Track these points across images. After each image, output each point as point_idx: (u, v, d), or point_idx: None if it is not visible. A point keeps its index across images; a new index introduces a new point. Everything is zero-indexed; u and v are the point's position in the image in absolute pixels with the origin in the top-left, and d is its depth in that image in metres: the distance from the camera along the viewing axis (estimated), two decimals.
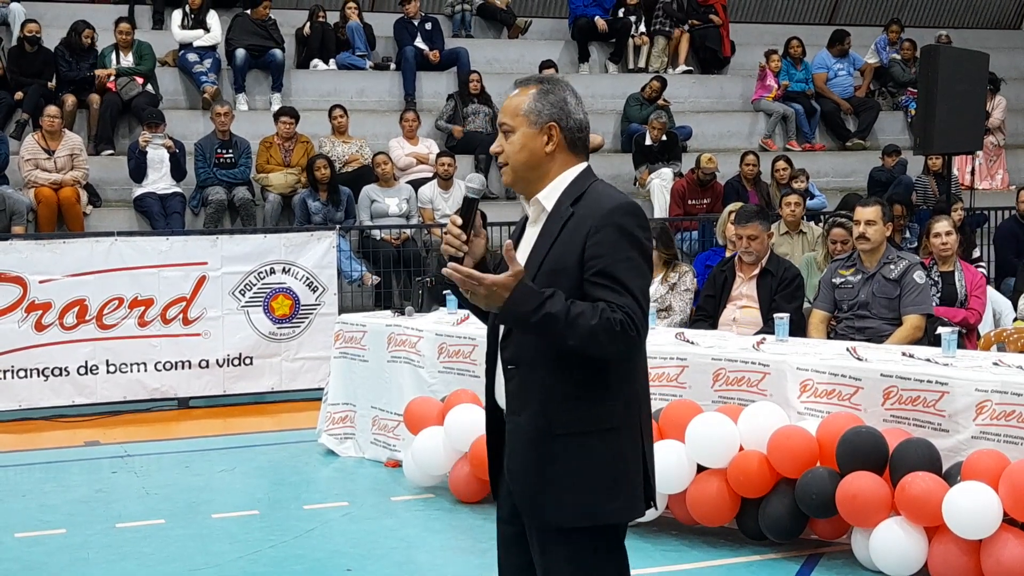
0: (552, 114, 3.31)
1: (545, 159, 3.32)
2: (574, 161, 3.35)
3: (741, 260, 7.74)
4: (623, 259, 3.15)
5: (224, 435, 8.92)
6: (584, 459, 3.19)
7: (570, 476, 3.19)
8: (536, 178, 3.34)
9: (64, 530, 6.45)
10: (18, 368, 9.23)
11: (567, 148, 3.33)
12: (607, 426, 3.22)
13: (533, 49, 15.58)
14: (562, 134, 3.31)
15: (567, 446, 3.20)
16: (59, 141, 11.65)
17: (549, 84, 3.36)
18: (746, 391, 6.10)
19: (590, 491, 3.19)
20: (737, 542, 5.95)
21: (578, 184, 3.31)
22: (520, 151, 3.33)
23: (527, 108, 3.32)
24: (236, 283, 9.73)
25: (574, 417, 3.20)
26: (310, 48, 14.46)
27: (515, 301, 3.09)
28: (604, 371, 3.20)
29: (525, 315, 3.09)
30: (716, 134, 15.35)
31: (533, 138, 3.31)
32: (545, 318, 3.07)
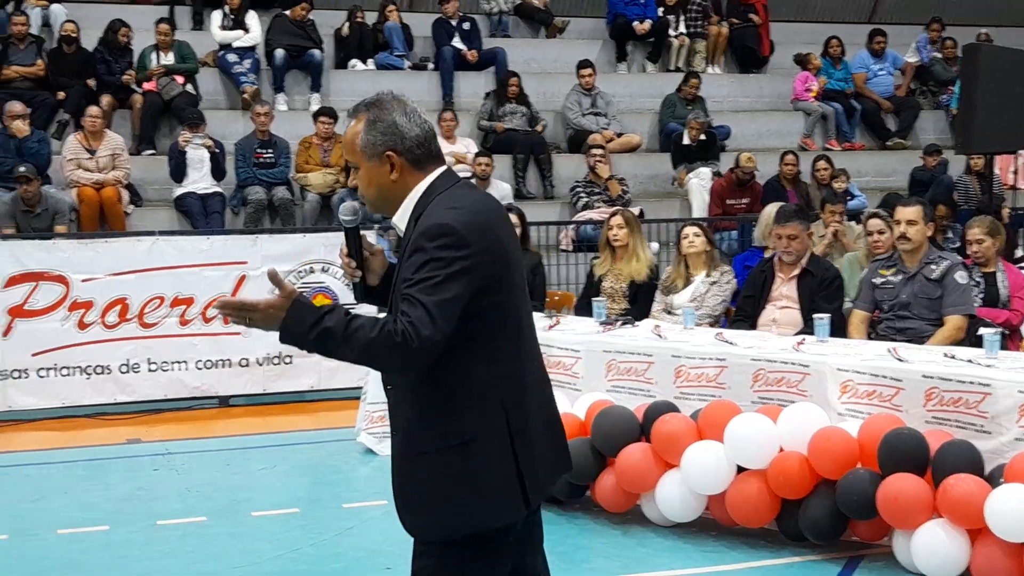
0: (385, 142, 3.28)
1: (394, 187, 3.31)
2: (422, 177, 3.32)
3: (781, 260, 7.70)
4: (421, 279, 3.11)
5: (264, 433, 8.96)
6: (441, 474, 3.21)
7: (429, 491, 3.22)
8: (393, 205, 3.34)
9: (106, 527, 6.51)
10: (61, 366, 9.30)
11: (413, 168, 3.31)
12: (463, 440, 3.21)
13: (571, 49, 15.55)
14: (402, 158, 3.29)
15: (425, 463, 3.22)
16: (101, 141, 11.75)
17: (376, 110, 3.32)
18: (786, 392, 6.06)
19: (449, 504, 3.21)
20: (777, 543, 5.92)
21: (420, 203, 3.30)
22: (369, 186, 3.34)
23: (362, 143, 3.30)
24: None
25: (430, 435, 3.22)
26: (348, 48, 14.51)
27: (291, 320, 3.12)
28: (463, 383, 3.21)
29: (303, 333, 3.11)
30: (755, 133, 15.27)
31: (375, 170, 3.31)
32: (322, 334, 3.09)
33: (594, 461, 6.32)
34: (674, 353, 6.49)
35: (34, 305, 9.25)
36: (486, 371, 3.23)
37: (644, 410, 6.30)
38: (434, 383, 3.20)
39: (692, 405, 6.29)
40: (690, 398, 6.35)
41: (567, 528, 6.34)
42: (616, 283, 8.58)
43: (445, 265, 3.12)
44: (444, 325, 3.09)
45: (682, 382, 6.42)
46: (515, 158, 13.48)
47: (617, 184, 12.77)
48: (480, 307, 3.18)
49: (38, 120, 12.11)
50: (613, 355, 6.71)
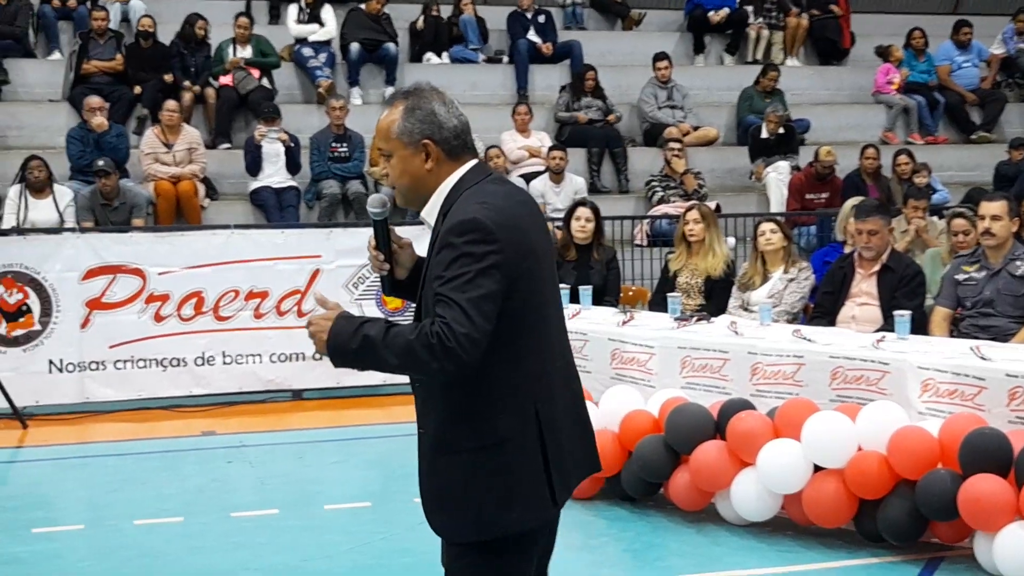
0: (423, 130, 3.26)
1: (427, 177, 3.28)
2: (455, 168, 3.29)
3: (861, 256, 7.56)
4: (453, 276, 3.07)
5: (336, 427, 8.99)
6: (471, 475, 3.19)
7: (459, 493, 3.20)
8: (423, 196, 3.32)
9: (181, 518, 6.56)
10: (137, 358, 9.40)
11: (446, 159, 3.28)
12: (493, 441, 3.18)
13: (647, 41, 15.43)
14: (438, 147, 3.26)
15: (455, 463, 3.20)
16: (177, 135, 11.86)
17: (415, 98, 3.29)
18: (865, 390, 5.95)
19: (479, 506, 3.19)
20: (854, 544, 5.81)
21: (451, 196, 3.27)
22: (402, 175, 3.30)
23: (398, 130, 3.27)
24: (349, 276, 9.79)
25: (461, 434, 3.19)
26: (423, 42, 14.52)
27: (335, 333, 3.16)
28: (493, 382, 3.17)
29: (346, 343, 3.14)
30: (835, 127, 15.05)
31: (410, 159, 3.28)
32: (364, 342, 3.11)
33: (668, 459, 6.25)
34: (750, 350, 6.40)
35: (112, 298, 9.35)
36: (514, 370, 3.20)
37: (719, 407, 6.22)
38: (463, 383, 3.16)
39: (768, 403, 6.20)
40: (766, 396, 6.26)
41: (640, 526, 6.28)
42: (692, 279, 8.49)
43: (476, 260, 3.08)
44: (482, 323, 3.06)
45: (758, 379, 6.33)
46: (590, 152, 13.41)
47: (693, 178, 12.65)
48: (507, 305, 3.14)
49: (116, 114, 12.25)
50: (688, 351, 6.64)
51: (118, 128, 11.95)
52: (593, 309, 7.66)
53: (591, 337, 7.08)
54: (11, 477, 7.99)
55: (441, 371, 3.07)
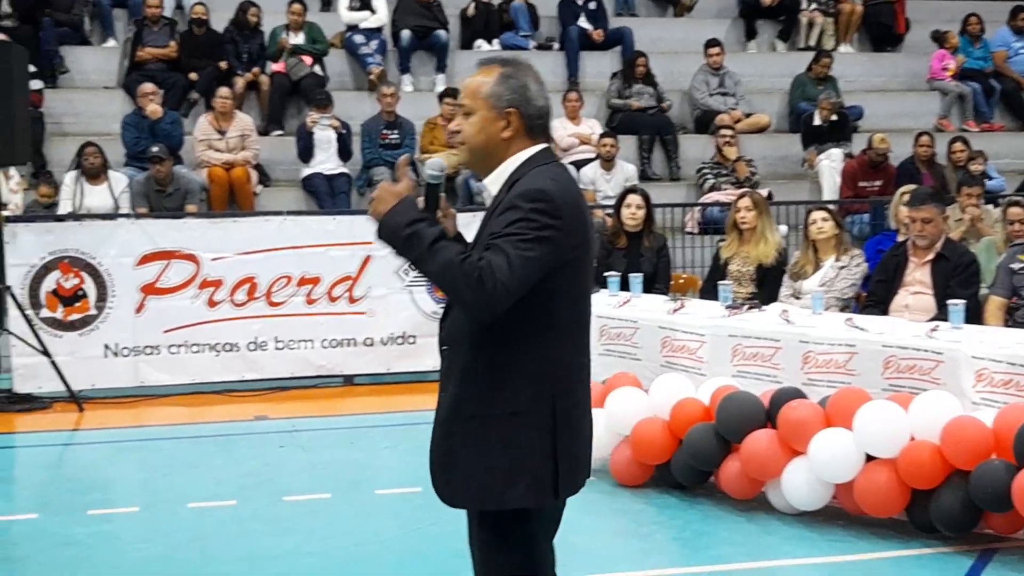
0: (512, 99, 3.33)
1: (501, 144, 3.35)
2: (528, 145, 3.36)
3: (914, 244, 7.49)
4: (511, 233, 3.15)
5: (387, 412, 9.04)
6: (482, 442, 3.25)
7: (468, 458, 3.27)
8: (490, 161, 3.38)
9: (234, 502, 6.63)
10: (191, 343, 9.49)
11: (524, 134, 3.35)
12: (510, 410, 3.24)
13: (699, 27, 15.35)
14: (521, 120, 3.34)
15: (469, 427, 3.27)
16: (230, 122, 11.96)
17: (512, 68, 3.37)
18: (918, 379, 5.90)
19: (485, 474, 3.26)
20: (907, 534, 5.77)
21: (521, 169, 3.32)
22: (478, 133, 3.36)
23: (488, 91, 3.34)
24: (401, 263, 9.81)
25: (480, 398, 3.26)
26: (474, 29, 14.52)
27: (395, 211, 3.20)
28: (517, 357, 3.24)
29: (398, 225, 3.18)
30: (889, 114, 14.89)
31: (492, 122, 3.34)
32: (414, 235, 3.16)
33: (718, 447, 6.24)
34: (802, 338, 6.37)
35: (166, 283, 9.44)
36: (542, 351, 3.27)
37: (770, 396, 6.19)
38: (492, 352, 3.24)
39: (820, 392, 6.17)
40: (818, 384, 6.22)
41: (690, 514, 6.28)
42: (743, 266, 8.45)
43: (537, 228, 3.16)
44: (521, 280, 3.13)
45: (810, 368, 6.30)
46: (641, 139, 13.37)
47: (745, 165, 12.59)
48: (551, 285, 3.21)
49: (170, 101, 12.36)
50: (739, 340, 6.61)
51: (172, 115, 12.06)
52: (643, 297, 7.64)
53: (641, 325, 7.07)
54: (68, 460, 8.12)
55: (467, 302, 3.14)
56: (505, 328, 3.20)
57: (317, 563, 5.64)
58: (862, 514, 5.88)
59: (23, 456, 8.16)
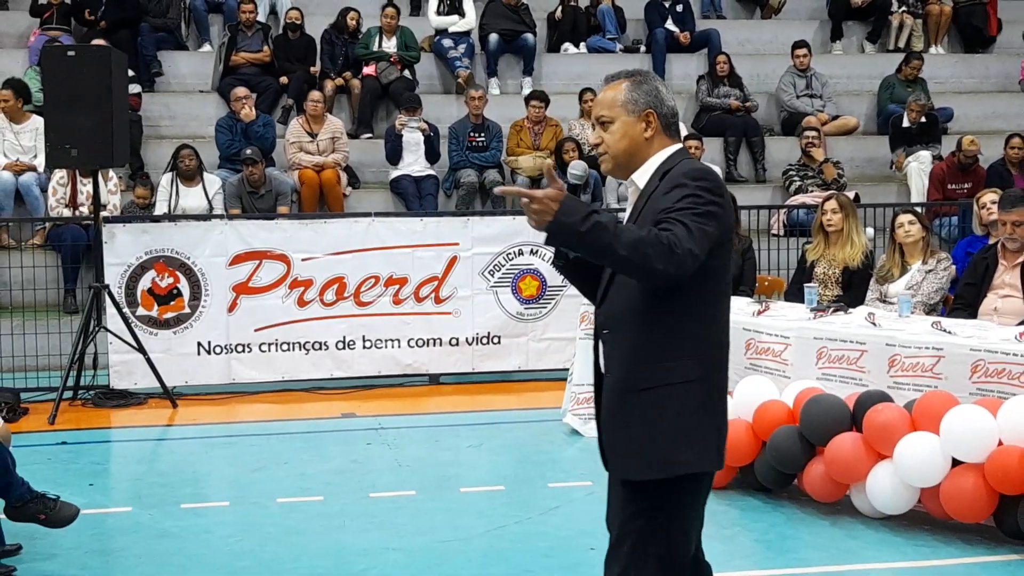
0: (648, 102, 3.55)
1: (644, 144, 3.56)
2: (668, 143, 3.58)
3: (1004, 247, 7.40)
4: (683, 207, 3.33)
5: (472, 411, 9.12)
6: (659, 411, 3.41)
7: (646, 429, 3.42)
8: (635, 163, 3.58)
9: (321, 497, 6.73)
10: (281, 342, 9.66)
11: (663, 132, 3.57)
12: (682, 380, 3.41)
13: (787, 29, 15.27)
14: (658, 119, 3.55)
15: (645, 399, 3.42)
16: (321, 125, 12.14)
17: (639, 76, 3.60)
18: (1007, 384, 5.84)
19: (664, 442, 3.41)
20: (994, 540, 5.72)
21: (669, 162, 3.53)
22: (621, 139, 3.56)
23: (624, 99, 3.55)
24: (486, 264, 9.91)
25: (653, 373, 3.41)
26: (561, 32, 14.59)
27: (564, 212, 3.22)
28: (680, 334, 3.40)
29: (574, 224, 3.21)
30: (979, 116, 14.69)
31: (632, 125, 3.55)
32: (595, 227, 3.21)
33: (803, 450, 6.23)
34: (888, 341, 6.33)
35: (257, 283, 9.62)
36: (702, 327, 3.46)
37: (855, 399, 6.16)
38: (656, 331, 3.41)
39: (906, 395, 6.13)
40: (904, 388, 6.18)
41: (774, 517, 6.27)
42: (829, 269, 8.41)
43: (704, 203, 3.35)
44: (701, 247, 3.30)
45: (896, 371, 6.26)
46: (727, 141, 13.33)
47: (832, 167, 12.49)
48: (707, 265, 3.35)
49: (263, 104, 12.60)
50: (824, 342, 6.59)
51: (265, 118, 12.28)
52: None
53: None
54: (161, 454, 8.30)
55: (660, 273, 3.25)
56: (667, 307, 3.38)
57: (402, 559, 5.72)
58: (948, 519, 5.83)
59: (118, 450, 8.35)
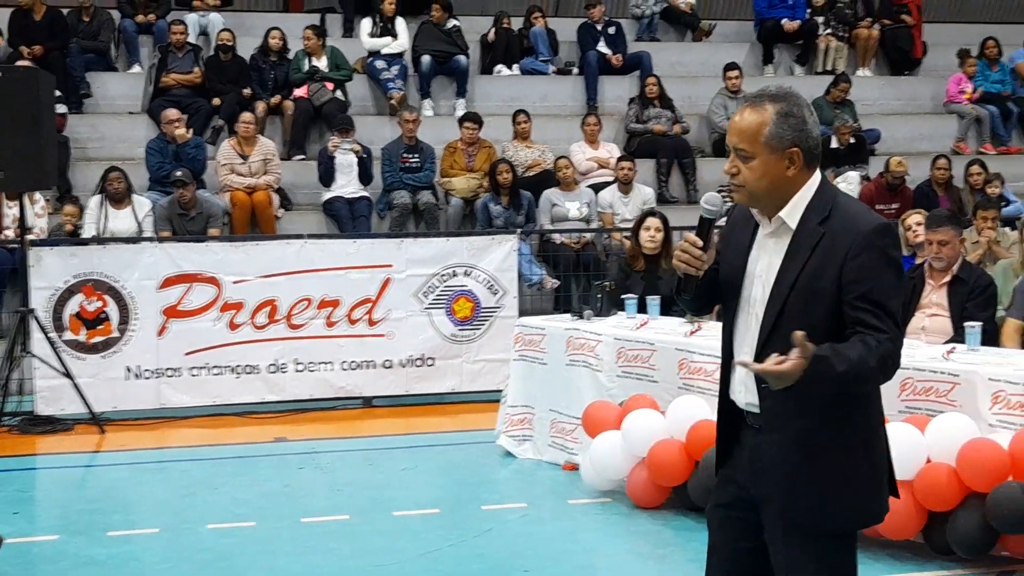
0: (794, 138, 3.27)
1: (786, 181, 3.29)
2: (809, 175, 3.32)
3: (931, 267, 7.51)
4: (885, 285, 3.17)
5: (406, 434, 9.09)
6: (849, 467, 3.29)
7: (837, 483, 3.28)
8: (776, 199, 3.32)
9: (253, 523, 6.66)
10: (212, 365, 9.57)
11: (805, 166, 3.30)
12: (866, 435, 3.33)
13: (717, 52, 15.43)
14: (803, 156, 3.28)
15: (834, 455, 3.28)
16: (253, 146, 12.06)
17: (787, 104, 3.28)
18: (935, 401, 5.91)
19: (854, 497, 3.31)
20: (923, 556, 5.78)
21: (820, 199, 3.30)
22: (761, 178, 3.30)
23: (769, 134, 3.26)
24: (420, 285, 9.90)
25: (839, 427, 3.28)
26: (494, 54, 14.63)
27: (806, 382, 3.08)
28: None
29: (820, 391, 3.17)
30: (907, 137, 14.93)
31: (775, 164, 3.28)
32: (838, 382, 3.13)
33: None
34: None
35: (188, 305, 9.53)
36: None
37: None
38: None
39: None
40: None
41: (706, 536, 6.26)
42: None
43: (897, 268, 3.24)
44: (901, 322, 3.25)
45: None
46: (658, 162, 13.42)
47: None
48: None
49: (194, 126, 12.48)
50: None
51: (196, 140, 12.18)
52: (661, 319, 7.69)
53: (659, 347, 7.11)
54: (89, 481, 8.18)
55: (887, 380, 3.26)
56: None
57: None
58: (879, 536, 5.87)
59: (45, 478, 8.22)
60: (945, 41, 16.35)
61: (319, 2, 15.95)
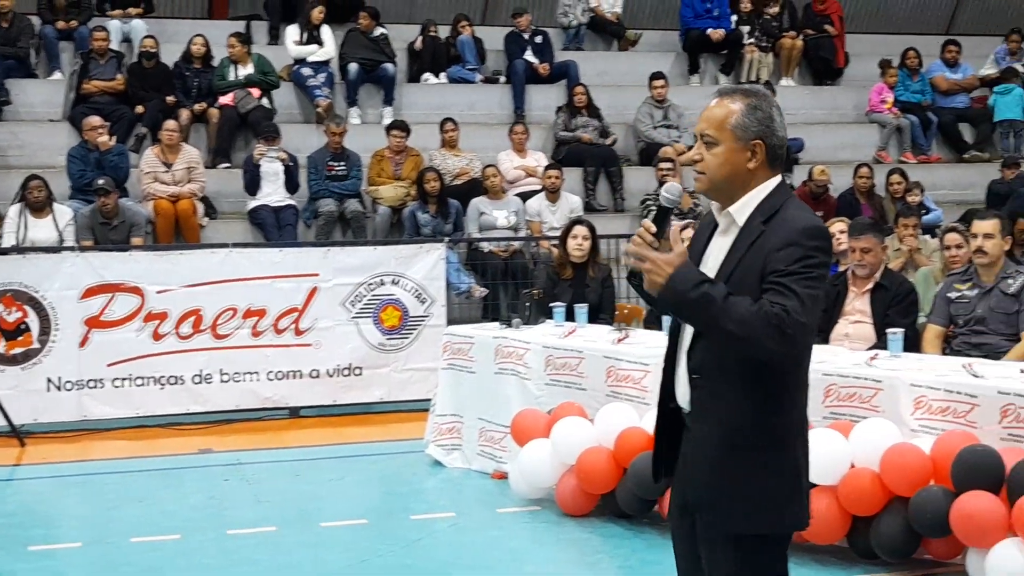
0: (759, 131, 3.35)
1: (746, 174, 3.36)
2: (770, 175, 3.39)
3: (854, 274, 7.61)
4: (797, 272, 3.21)
5: (334, 444, 9.02)
6: (766, 468, 3.30)
7: (750, 486, 3.29)
8: (733, 191, 3.38)
9: (178, 536, 6.58)
10: (136, 376, 9.44)
11: (767, 164, 3.38)
12: (783, 439, 3.33)
13: (644, 61, 15.51)
14: (766, 151, 3.36)
15: (748, 458, 3.29)
16: (177, 154, 11.92)
17: (757, 99, 3.38)
18: (858, 407, 5.99)
19: (768, 500, 3.30)
20: (847, 560, 5.84)
21: (771, 200, 3.36)
22: (722, 165, 3.36)
23: (735, 123, 3.35)
24: (347, 294, 9.85)
25: (757, 429, 3.29)
26: (422, 62, 14.60)
27: (675, 279, 3.18)
28: (783, 386, 3.31)
29: (684, 292, 3.17)
30: (829, 146, 15.11)
31: (737, 154, 3.35)
32: (703, 296, 3.15)
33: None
34: None
35: (110, 316, 9.40)
36: (797, 381, 3.37)
37: None
38: (760, 382, 3.27)
39: None
40: None
41: (635, 543, 6.32)
42: None
43: (818, 265, 3.24)
44: (812, 320, 3.22)
45: None
46: (586, 171, 13.47)
47: (689, 197, 12.70)
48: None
49: (116, 134, 12.31)
50: None
51: (119, 147, 12.00)
52: (589, 327, 7.72)
53: (587, 355, 7.13)
54: (9, 495, 8.02)
55: (771, 350, 3.16)
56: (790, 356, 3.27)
57: None
58: (803, 541, 5.92)
59: None
60: (867, 51, 16.58)
61: (244, 9, 15.83)
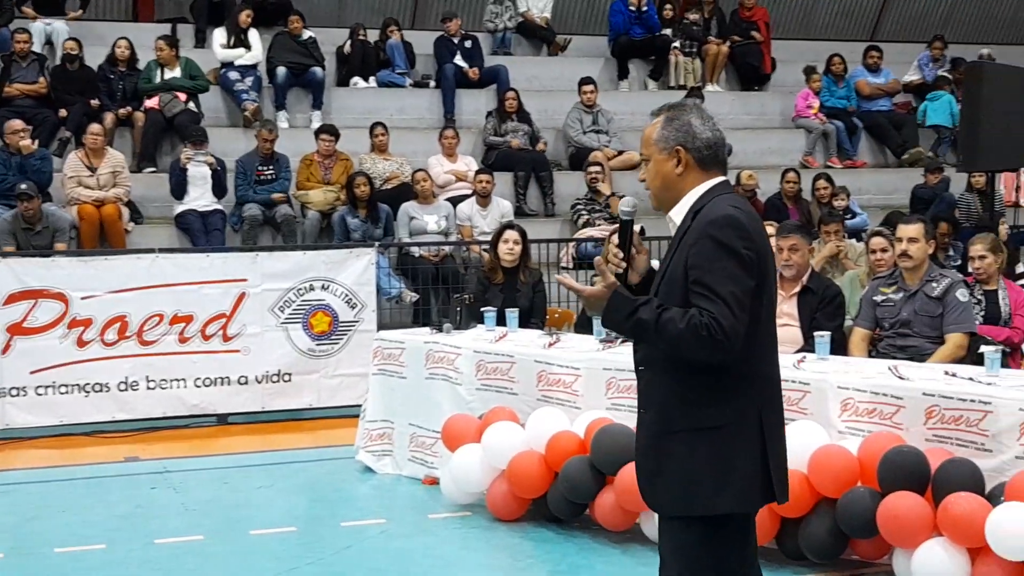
0: (678, 138, 3.60)
1: (677, 180, 3.62)
2: (706, 177, 3.62)
3: (782, 276, 7.68)
4: (716, 268, 3.38)
5: (263, 451, 8.94)
6: (690, 454, 3.47)
7: (678, 469, 3.49)
8: (673, 198, 3.64)
9: (104, 545, 6.48)
10: (59, 384, 9.29)
11: (697, 167, 3.61)
12: (714, 425, 3.46)
13: (573, 66, 15.57)
14: (689, 154, 3.59)
15: (678, 442, 3.49)
16: (101, 159, 11.75)
17: (675, 111, 3.67)
18: (786, 410, 5.94)
19: (693, 484, 3.47)
20: (776, 562, 5.88)
21: (703, 199, 3.57)
22: (655, 177, 3.66)
23: (656, 136, 3.64)
24: (275, 300, 9.76)
25: (686, 416, 3.49)
26: (351, 66, 14.53)
27: (610, 309, 3.48)
28: (718, 377, 3.46)
29: (620, 321, 3.48)
30: (756, 151, 15.26)
31: (663, 163, 3.63)
32: (637, 324, 3.44)
33: (593, 480, 6.29)
34: None
35: (33, 323, 9.24)
36: (745, 366, 3.47)
37: None
38: (696, 372, 3.45)
39: None
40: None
41: (566, 547, 6.32)
42: None
43: (734, 253, 3.40)
44: (743, 315, 3.37)
45: None
46: (516, 176, 13.48)
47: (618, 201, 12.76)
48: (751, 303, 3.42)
49: (39, 138, 12.11)
50: (613, 373, 6.69)
51: (42, 151, 11.81)
52: (519, 331, 7.72)
53: (517, 359, 7.12)
54: None
55: (707, 359, 3.39)
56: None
57: None
58: None
59: None
60: (793, 57, 16.78)
61: (170, 12, 15.66)
